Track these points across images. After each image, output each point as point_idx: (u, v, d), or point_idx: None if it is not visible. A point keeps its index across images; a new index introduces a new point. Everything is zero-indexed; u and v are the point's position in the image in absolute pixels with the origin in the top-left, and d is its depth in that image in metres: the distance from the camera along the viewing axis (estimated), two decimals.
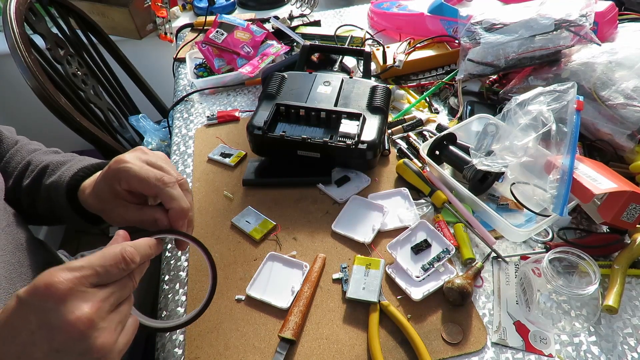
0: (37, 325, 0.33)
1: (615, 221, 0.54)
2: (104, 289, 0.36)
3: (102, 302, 0.36)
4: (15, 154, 0.63)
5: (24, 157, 0.62)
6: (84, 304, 0.34)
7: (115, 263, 0.37)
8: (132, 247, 0.39)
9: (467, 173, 0.66)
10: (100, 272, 0.36)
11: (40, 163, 0.59)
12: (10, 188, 0.60)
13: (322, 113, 0.73)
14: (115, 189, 0.48)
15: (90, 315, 0.34)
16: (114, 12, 1.48)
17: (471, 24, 0.85)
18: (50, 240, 1.82)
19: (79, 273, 0.35)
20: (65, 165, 0.58)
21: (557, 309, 0.52)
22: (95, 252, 0.38)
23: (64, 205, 0.54)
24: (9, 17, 0.94)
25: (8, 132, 0.65)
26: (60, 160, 0.59)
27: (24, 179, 0.60)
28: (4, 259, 0.48)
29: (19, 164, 0.61)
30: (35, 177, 0.59)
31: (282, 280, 0.59)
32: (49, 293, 0.33)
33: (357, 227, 0.65)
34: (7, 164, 0.62)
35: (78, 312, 0.34)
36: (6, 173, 0.61)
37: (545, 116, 0.60)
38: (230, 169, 0.78)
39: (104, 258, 0.37)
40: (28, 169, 0.60)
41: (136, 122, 1.24)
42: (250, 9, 1.44)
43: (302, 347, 0.52)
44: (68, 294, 0.34)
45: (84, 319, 0.34)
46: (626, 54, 0.68)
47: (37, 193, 0.58)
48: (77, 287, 0.34)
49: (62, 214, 0.56)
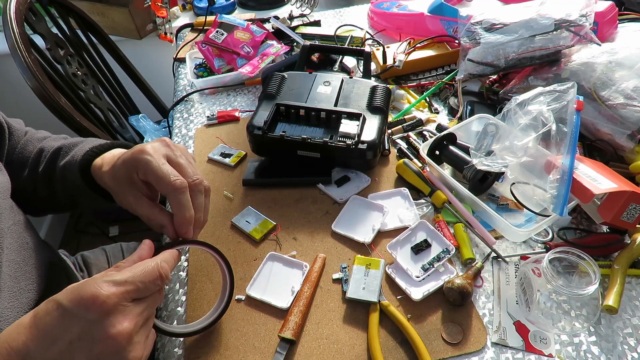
0: (78, 336, 0.34)
1: (615, 221, 0.54)
2: (140, 304, 0.38)
3: (138, 317, 0.37)
4: (27, 143, 0.63)
5: (36, 146, 0.63)
6: (124, 318, 0.35)
7: (154, 279, 0.39)
8: (165, 262, 0.41)
9: (467, 173, 0.66)
10: (141, 287, 0.37)
11: (52, 147, 0.61)
12: (27, 177, 0.61)
13: (322, 113, 0.73)
14: (132, 176, 0.48)
15: (130, 330, 0.35)
16: (114, 12, 1.48)
17: (471, 24, 0.85)
18: (50, 240, 1.81)
19: (123, 288, 0.36)
20: (77, 146, 0.59)
21: (557, 309, 0.52)
22: (134, 266, 0.39)
23: (78, 183, 0.55)
24: (9, 17, 0.94)
25: (17, 124, 0.66)
26: (73, 142, 0.61)
27: (39, 165, 0.60)
28: (9, 258, 0.48)
29: (31, 153, 0.62)
30: (49, 161, 0.60)
31: (282, 280, 0.59)
32: (96, 305, 0.34)
33: (357, 227, 0.65)
34: (21, 154, 0.63)
35: (119, 326, 0.35)
36: (20, 163, 0.62)
37: (545, 116, 0.60)
38: (230, 169, 0.78)
39: (145, 274, 0.38)
40: (42, 156, 0.61)
41: (136, 122, 1.24)
42: (250, 9, 1.44)
43: (302, 347, 0.52)
44: (113, 308, 0.35)
45: (125, 333, 0.35)
46: (626, 54, 0.68)
47: (53, 176, 0.59)
48: (121, 302, 0.36)
49: (78, 193, 0.57)
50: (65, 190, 0.59)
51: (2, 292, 0.46)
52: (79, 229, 1.91)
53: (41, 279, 0.53)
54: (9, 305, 0.46)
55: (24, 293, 0.49)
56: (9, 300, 0.46)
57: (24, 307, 0.48)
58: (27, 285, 0.50)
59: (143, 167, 0.47)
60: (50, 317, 0.35)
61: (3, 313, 0.45)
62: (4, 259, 0.47)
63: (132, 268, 0.39)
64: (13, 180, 0.58)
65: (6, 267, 0.47)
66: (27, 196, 0.61)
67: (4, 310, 0.45)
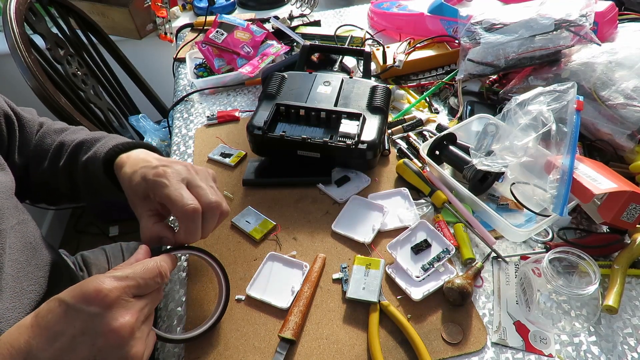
0: (81, 331, 0.34)
1: (615, 221, 0.54)
2: (141, 300, 0.38)
3: (139, 313, 0.38)
4: (45, 136, 0.63)
5: (55, 139, 0.63)
6: (127, 312, 0.36)
7: (154, 277, 0.40)
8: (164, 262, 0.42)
9: (467, 173, 0.66)
10: (141, 284, 0.38)
11: (74, 141, 0.61)
12: (47, 170, 0.61)
13: (322, 113, 0.73)
14: (148, 194, 0.49)
15: (132, 324, 0.36)
16: (114, 12, 1.48)
17: (471, 24, 0.85)
18: (50, 240, 1.81)
19: (125, 282, 0.37)
20: (100, 141, 0.59)
21: (557, 309, 0.52)
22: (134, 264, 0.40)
23: (101, 178, 0.56)
24: (9, 17, 0.94)
25: (29, 114, 0.65)
26: (95, 137, 0.61)
27: (60, 159, 0.61)
28: (12, 257, 0.48)
29: (51, 146, 0.62)
30: (70, 155, 0.60)
31: (282, 280, 0.59)
32: (98, 298, 0.35)
33: (357, 227, 0.65)
34: (39, 147, 0.63)
35: (122, 319, 0.35)
36: (39, 156, 0.62)
37: (545, 116, 0.60)
38: (230, 169, 0.78)
39: (146, 271, 0.39)
40: (62, 150, 0.61)
41: (136, 122, 1.24)
42: (250, 9, 1.44)
43: (302, 347, 0.52)
44: (115, 302, 0.35)
45: (127, 327, 0.35)
46: (626, 54, 0.68)
47: (75, 169, 0.59)
48: (123, 296, 0.36)
49: (100, 187, 0.58)
50: (87, 184, 0.59)
51: (4, 292, 0.45)
52: (79, 229, 1.91)
53: (43, 280, 0.53)
54: (11, 306, 0.46)
55: (26, 294, 0.49)
56: (10, 301, 0.46)
57: (25, 307, 0.48)
58: (29, 286, 0.50)
59: (159, 191, 0.47)
60: (52, 315, 0.35)
61: (4, 314, 0.44)
62: (7, 259, 0.47)
63: (133, 266, 0.39)
64: (31, 173, 0.59)
65: (8, 267, 0.47)
66: (47, 188, 0.62)
67: (5, 311, 0.45)
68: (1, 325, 0.43)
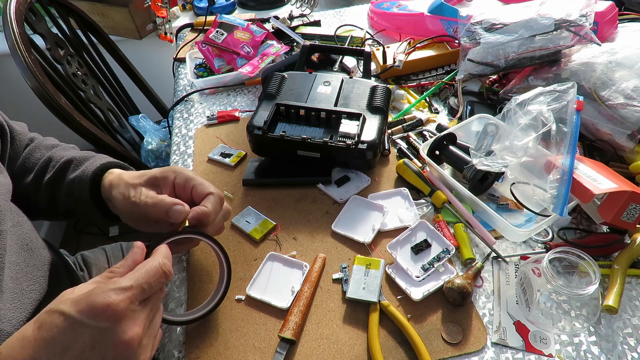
0: (90, 345, 0.35)
1: (615, 221, 0.54)
2: (147, 305, 0.39)
3: (146, 320, 0.38)
4: (34, 150, 0.64)
5: (44, 154, 0.63)
6: (135, 324, 0.37)
7: (157, 278, 0.40)
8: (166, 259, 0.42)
9: (467, 173, 0.66)
10: (146, 289, 0.39)
11: (62, 158, 0.61)
12: (30, 184, 0.61)
13: (322, 113, 0.73)
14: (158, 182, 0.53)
15: (140, 334, 0.37)
16: (114, 12, 1.48)
17: (471, 24, 0.85)
18: (50, 240, 1.81)
19: (130, 293, 0.37)
20: (88, 160, 0.60)
21: (557, 309, 0.52)
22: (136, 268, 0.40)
23: (85, 199, 0.56)
24: (9, 17, 0.94)
25: (20, 127, 0.65)
26: (84, 156, 0.61)
27: (45, 174, 0.61)
28: (10, 259, 0.48)
29: (39, 160, 0.62)
30: (57, 171, 0.60)
31: (282, 280, 0.59)
32: (107, 314, 0.35)
33: (357, 227, 0.65)
34: (27, 160, 0.63)
35: (131, 332, 0.36)
36: (25, 169, 0.62)
37: (545, 116, 0.60)
38: (230, 169, 0.78)
39: (148, 275, 0.39)
40: (49, 165, 0.61)
41: (136, 122, 1.24)
42: (250, 9, 1.44)
43: (302, 347, 0.52)
44: (123, 315, 0.36)
45: (136, 339, 0.36)
46: (626, 54, 0.68)
47: (59, 187, 0.60)
48: (130, 307, 0.37)
49: (82, 208, 0.58)
50: (67, 203, 0.59)
51: (4, 293, 0.45)
52: (79, 229, 1.91)
53: (43, 280, 0.53)
54: (11, 307, 0.46)
55: (26, 294, 0.49)
56: (11, 301, 0.46)
57: (26, 307, 0.48)
58: (29, 286, 0.50)
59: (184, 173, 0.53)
60: (58, 329, 0.35)
61: (5, 314, 0.45)
62: (6, 261, 0.47)
63: (135, 272, 0.39)
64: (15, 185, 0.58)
65: (8, 268, 0.47)
66: (25, 201, 0.61)
67: (6, 312, 0.45)
68: (3, 325, 0.44)
